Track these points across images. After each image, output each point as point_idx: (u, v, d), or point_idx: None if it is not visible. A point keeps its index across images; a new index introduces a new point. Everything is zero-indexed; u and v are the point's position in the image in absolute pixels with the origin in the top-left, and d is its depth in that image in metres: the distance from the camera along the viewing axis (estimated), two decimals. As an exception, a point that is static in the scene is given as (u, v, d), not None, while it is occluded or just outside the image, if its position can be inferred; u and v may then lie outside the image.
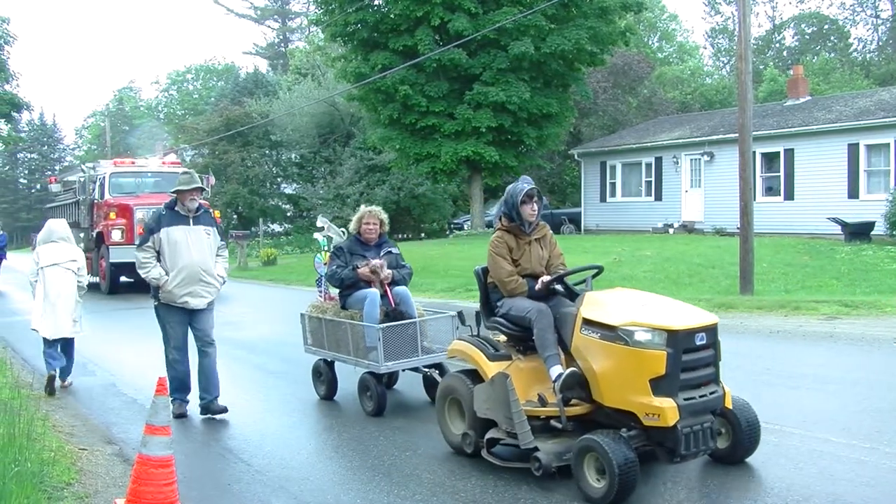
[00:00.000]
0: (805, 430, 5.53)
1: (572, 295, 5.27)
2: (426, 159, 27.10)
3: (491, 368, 5.16)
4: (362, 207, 7.40)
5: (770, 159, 23.53)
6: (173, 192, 6.84)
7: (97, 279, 19.00)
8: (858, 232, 19.09)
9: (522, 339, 5.35)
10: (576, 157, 31.11)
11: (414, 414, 6.74)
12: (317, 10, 30.59)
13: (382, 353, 6.44)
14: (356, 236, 7.22)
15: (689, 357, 4.53)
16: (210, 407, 6.77)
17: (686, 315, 4.70)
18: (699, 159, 25.48)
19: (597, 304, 4.86)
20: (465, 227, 29.76)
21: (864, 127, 21.04)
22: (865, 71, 44.09)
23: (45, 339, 8.00)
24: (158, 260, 6.70)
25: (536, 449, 4.72)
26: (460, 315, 6.03)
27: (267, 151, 40.54)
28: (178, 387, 6.88)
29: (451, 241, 26.51)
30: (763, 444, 5.03)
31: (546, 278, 5.34)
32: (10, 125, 34.92)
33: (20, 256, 32.82)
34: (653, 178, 27.20)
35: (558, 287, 5.32)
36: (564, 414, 4.80)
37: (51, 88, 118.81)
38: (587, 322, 4.79)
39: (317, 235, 7.96)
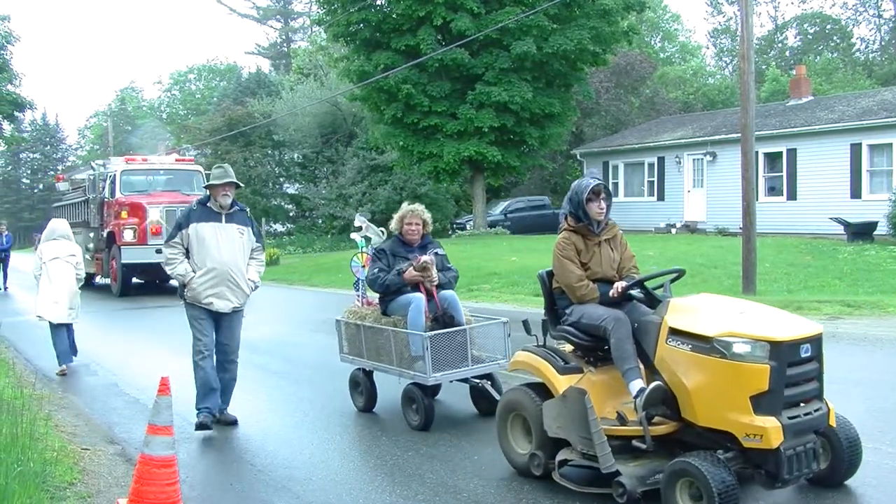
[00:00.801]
0: (807, 431, 5.51)
1: (653, 301, 4.74)
2: (428, 159, 27.09)
3: (561, 382, 4.69)
4: (404, 206, 6.83)
5: (773, 159, 23.52)
6: (206, 187, 6.63)
7: (108, 280, 18.60)
8: (861, 232, 19.07)
9: (593, 350, 4.90)
10: (578, 157, 31.14)
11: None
12: (319, 10, 30.62)
13: (430, 362, 5.98)
14: (398, 236, 6.71)
15: (794, 371, 4.13)
16: (219, 416, 6.60)
17: (789, 324, 4.29)
18: (702, 159, 25.48)
19: (686, 312, 4.39)
20: (468, 227, 29.70)
21: (867, 127, 21.03)
22: (868, 71, 44.00)
23: (51, 325, 8.97)
24: (187, 257, 6.46)
25: (618, 473, 4.26)
26: (525, 324, 5.24)
27: (269, 151, 40.55)
28: (205, 393, 6.43)
29: (454, 241, 26.44)
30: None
31: (622, 284, 4.82)
32: (13, 125, 34.91)
33: (23, 256, 32.84)
34: (655, 178, 27.20)
35: (635, 293, 4.80)
36: (649, 433, 4.36)
37: (53, 88, 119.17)
38: (675, 332, 4.34)
39: (354, 236, 7.43)
